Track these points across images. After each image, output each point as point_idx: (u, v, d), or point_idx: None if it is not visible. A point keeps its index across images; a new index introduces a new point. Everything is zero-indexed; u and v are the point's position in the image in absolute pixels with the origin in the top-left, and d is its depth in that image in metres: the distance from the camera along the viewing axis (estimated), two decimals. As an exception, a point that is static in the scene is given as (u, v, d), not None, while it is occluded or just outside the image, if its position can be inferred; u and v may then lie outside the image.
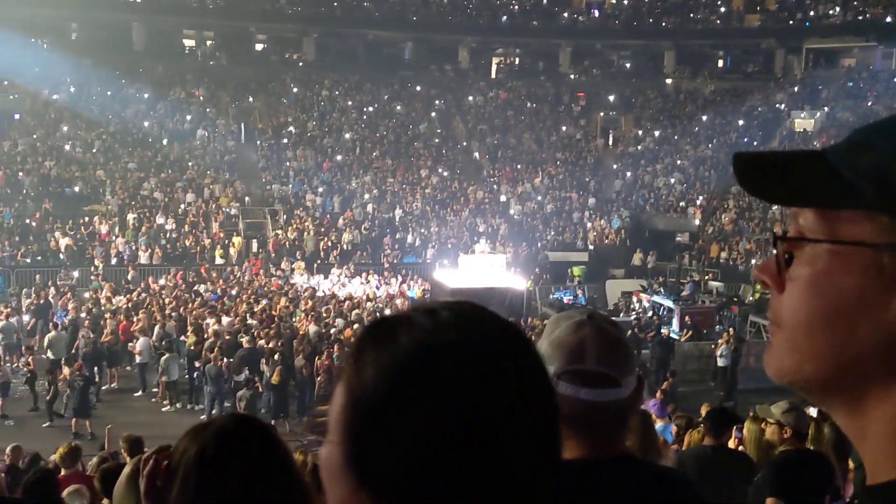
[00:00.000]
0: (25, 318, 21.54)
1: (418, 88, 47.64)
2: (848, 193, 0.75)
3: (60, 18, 44.89)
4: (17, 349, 19.59)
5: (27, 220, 30.75)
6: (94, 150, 36.67)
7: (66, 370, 16.62)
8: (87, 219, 31.31)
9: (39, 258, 28.39)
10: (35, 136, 36.90)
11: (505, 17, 51.40)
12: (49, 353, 18.37)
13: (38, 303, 22.34)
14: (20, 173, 33.79)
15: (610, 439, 1.69)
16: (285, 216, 34.02)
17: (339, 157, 39.84)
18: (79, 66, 40.35)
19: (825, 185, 0.77)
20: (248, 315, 20.98)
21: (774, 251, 0.83)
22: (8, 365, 18.55)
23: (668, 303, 23.66)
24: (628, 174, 41.13)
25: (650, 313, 23.79)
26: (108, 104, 39.05)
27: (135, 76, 42.02)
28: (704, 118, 44.34)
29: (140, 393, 18.46)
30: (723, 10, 51.51)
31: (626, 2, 52.78)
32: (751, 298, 26.13)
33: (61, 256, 28.66)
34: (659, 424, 9.21)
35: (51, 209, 31.54)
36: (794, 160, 0.80)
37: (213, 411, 16.62)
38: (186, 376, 18.43)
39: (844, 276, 0.76)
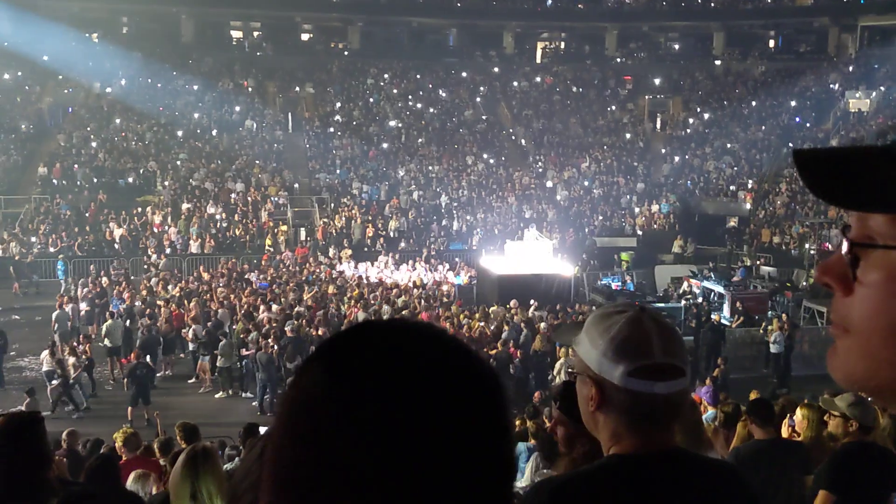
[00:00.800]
0: (82, 305, 22.05)
1: (463, 75, 47.52)
2: None
3: (111, 12, 45.76)
4: (73, 337, 20.10)
5: (83, 211, 31.50)
6: (146, 142, 37.38)
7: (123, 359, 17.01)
8: (140, 209, 31.96)
9: (94, 248, 29.08)
10: (88, 129, 37.74)
11: (550, 2, 50.91)
12: (106, 342, 18.81)
13: (95, 291, 22.88)
14: (75, 165, 34.60)
15: (666, 433, 1.68)
16: (332, 204, 34.29)
17: (384, 145, 40.00)
18: (130, 60, 41.09)
19: None
20: (296, 303, 21.22)
21: (843, 252, 0.80)
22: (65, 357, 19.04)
23: (719, 288, 23.30)
24: (676, 158, 40.54)
25: (700, 299, 23.46)
26: (158, 96, 39.72)
27: (184, 68, 42.69)
28: (755, 100, 43.43)
29: (193, 380, 18.79)
30: (774, -12, 50.36)
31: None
32: (804, 284, 25.61)
33: (116, 246, 29.32)
34: (710, 412, 9.11)
35: (105, 200, 32.26)
36: (862, 161, 0.77)
37: (266, 398, 16.89)
38: (238, 364, 18.70)
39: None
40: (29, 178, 34.36)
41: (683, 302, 23.34)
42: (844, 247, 0.80)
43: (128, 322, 19.86)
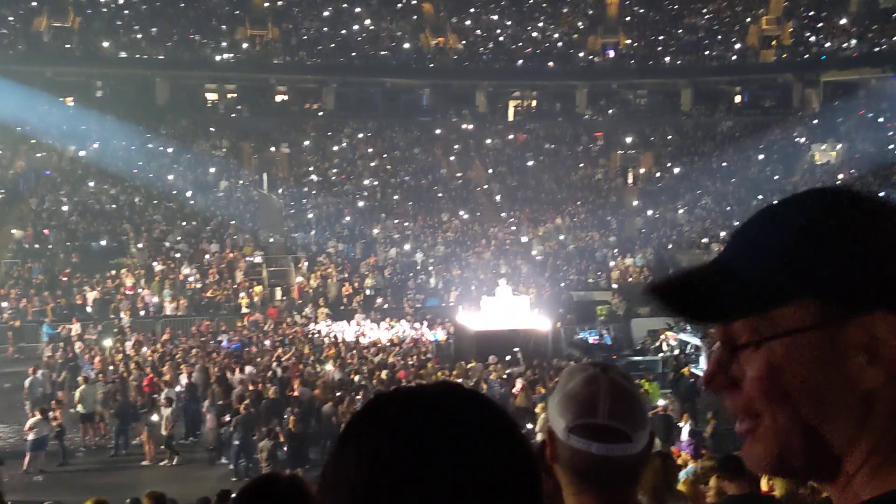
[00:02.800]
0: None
1: (437, 133, 48.09)
2: (771, 296, 0.85)
3: (85, 76, 45.99)
4: (43, 403, 19.67)
5: (56, 275, 31.16)
6: (120, 204, 37.23)
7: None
8: (113, 272, 31.68)
9: (67, 312, 28.69)
10: (62, 192, 37.56)
11: (520, 61, 51.94)
12: (80, 407, 18.43)
13: (67, 356, 22.50)
14: (45, 230, 34.31)
15: (621, 495, 1.68)
16: (308, 263, 34.22)
17: (360, 204, 40.16)
18: (104, 122, 41.17)
19: (750, 296, 0.87)
20: (273, 364, 21.00)
21: (716, 361, 0.92)
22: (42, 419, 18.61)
23: (696, 340, 23.40)
24: (649, 212, 41.05)
25: (677, 351, 23.52)
26: (132, 158, 39.69)
27: (158, 130, 42.80)
28: (724, 154, 44.28)
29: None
30: (738, 45, 51.75)
31: (640, 41, 53.20)
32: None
33: (88, 310, 28.96)
34: (690, 466, 9.06)
35: (78, 263, 31.96)
36: (706, 282, 0.90)
37: (241, 463, 16.57)
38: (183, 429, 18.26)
39: (803, 362, 0.86)
40: (1, 242, 34.00)
41: (660, 354, 23.38)
42: (716, 355, 0.92)
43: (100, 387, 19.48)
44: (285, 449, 16.61)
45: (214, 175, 40.72)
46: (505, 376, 19.90)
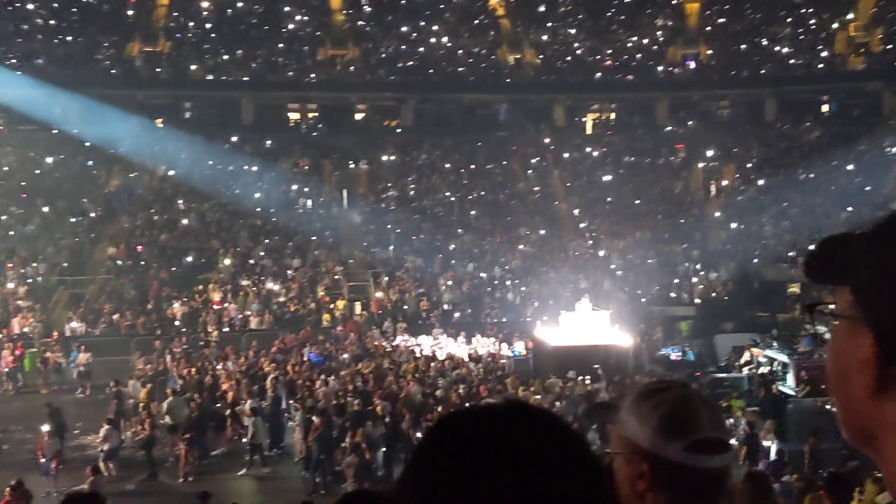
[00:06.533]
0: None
1: (514, 147, 48.09)
2: (835, 273, 0.95)
3: (174, 98, 47.79)
4: (134, 415, 20.39)
5: (146, 290, 32.38)
6: (208, 222, 38.45)
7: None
8: (201, 287, 32.70)
9: (156, 326, 29.74)
10: (152, 210, 39.04)
11: (599, 74, 51.56)
12: (167, 419, 19.05)
13: (157, 369, 23.31)
14: (138, 247, 35.70)
15: None
16: (387, 278, 34.60)
17: (438, 219, 40.43)
18: (192, 143, 42.67)
19: (830, 266, 0.97)
20: (355, 377, 21.30)
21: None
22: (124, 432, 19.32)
23: (783, 357, 22.68)
24: (733, 225, 40.06)
25: (764, 368, 22.84)
26: (219, 177, 40.94)
27: (244, 150, 44.07)
28: (810, 166, 42.92)
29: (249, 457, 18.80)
30: (824, 53, 50.20)
31: (722, 52, 52.17)
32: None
33: (176, 324, 29.96)
34: (776, 486, 8.81)
35: (167, 279, 33.12)
36: (841, 243, 0.97)
37: (320, 476, 16.81)
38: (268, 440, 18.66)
39: (836, 344, 0.94)
40: (96, 258, 35.59)
41: (746, 371, 22.75)
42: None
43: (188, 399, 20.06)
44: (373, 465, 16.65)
45: (296, 192, 41.65)
46: (582, 393, 19.69)
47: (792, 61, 50.48)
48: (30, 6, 49.67)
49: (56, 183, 40.54)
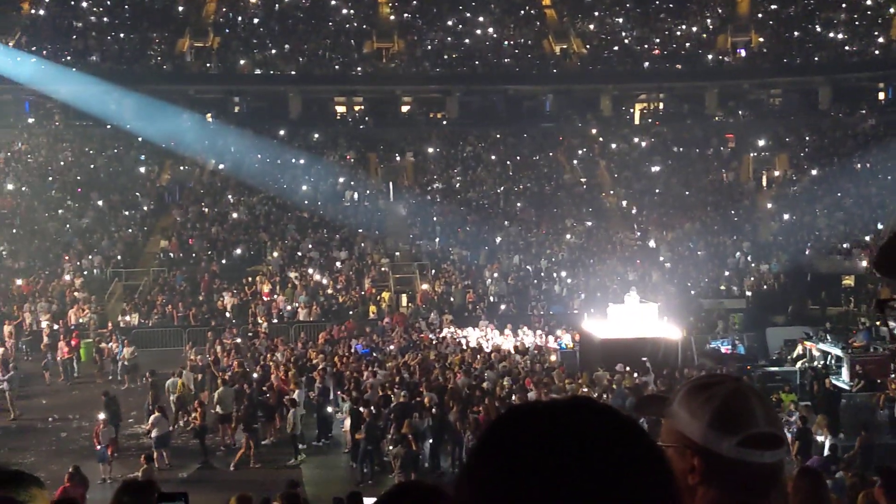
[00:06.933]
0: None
1: (560, 139, 47.77)
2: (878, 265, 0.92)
3: (224, 93, 48.48)
4: (188, 403, 20.80)
5: (197, 282, 32.98)
6: (256, 215, 38.98)
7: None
8: (250, 279, 33.18)
9: (208, 317, 30.28)
10: (203, 204, 39.70)
11: (646, 63, 50.90)
12: (218, 409, 19.39)
13: (208, 359, 23.74)
14: (190, 239, 36.36)
15: (764, 502, 1.67)
16: (433, 270, 34.70)
17: (483, 211, 40.39)
18: (241, 137, 43.28)
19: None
20: (402, 368, 21.42)
21: None
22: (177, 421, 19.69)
23: (837, 351, 22.21)
24: (785, 216, 39.28)
25: (817, 362, 22.39)
26: (268, 171, 41.44)
27: (291, 143, 44.55)
28: (866, 155, 41.81)
29: (301, 445, 19.03)
30: (880, 39, 48.86)
31: (773, 39, 51.11)
32: (931, 344, 24.07)
33: (227, 315, 30.46)
34: (828, 481, 8.65)
35: (217, 271, 33.69)
36: None
37: (367, 466, 16.96)
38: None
39: None
40: (149, 251, 36.36)
41: (799, 365, 22.34)
42: None
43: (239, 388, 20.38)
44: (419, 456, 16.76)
45: (343, 185, 41.97)
46: (630, 386, 19.52)
47: (846, 48, 49.23)
48: (84, 4, 50.81)
49: (110, 177, 41.47)
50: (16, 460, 17.41)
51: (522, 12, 54.03)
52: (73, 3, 50.85)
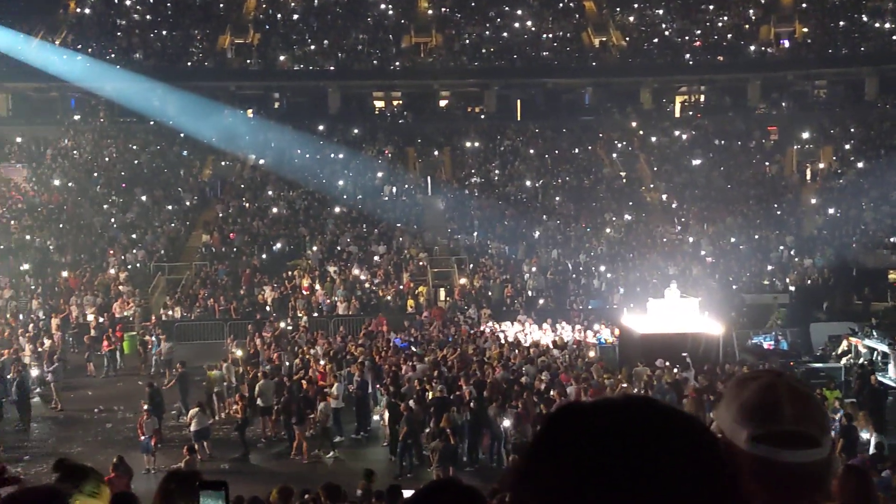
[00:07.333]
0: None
1: (599, 132, 47.39)
2: None
3: (264, 89, 48.96)
4: (228, 396, 21.09)
5: (238, 276, 33.38)
6: (296, 209, 39.32)
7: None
8: (290, 273, 33.50)
9: (250, 311, 30.63)
10: (244, 199, 40.15)
11: (687, 55, 50.24)
12: (259, 401, 19.60)
13: (249, 353, 24.01)
14: (230, 234, 36.80)
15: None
16: (471, 265, 34.68)
17: (521, 205, 40.25)
18: (281, 132, 43.67)
19: None
20: (440, 362, 21.47)
21: None
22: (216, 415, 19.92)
23: (884, 347, 21.77)
24: (830, 210, 38.54)
25: (863, 359, 21.97)
26: (307, 166, 41.75)
27: (330, 138, 44.83)
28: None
29: (338, 438, 19.21)
30: (931, 28, 47.69)
31: (818, 29, 50.12)
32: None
33: (268, 308, 30.78)
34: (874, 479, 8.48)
35: (258, 265, 34.06)
36: None
37: (406, 460, 17.04)
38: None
39: None
40: (191, 245, 36.90)
41: (843, 361, 21.95)
42: None
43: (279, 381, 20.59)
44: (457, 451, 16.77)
45: (381, 179, 42.13)
46: (670, 381, 19.34)
47: (894, 37, 48.07)
48: (128, 2, 51.63)
49: (153, 173, 42.15)
50: (63, 450, 17.82)
51: (561, 5, 53.68)
52: (117, 1, 51.71)
